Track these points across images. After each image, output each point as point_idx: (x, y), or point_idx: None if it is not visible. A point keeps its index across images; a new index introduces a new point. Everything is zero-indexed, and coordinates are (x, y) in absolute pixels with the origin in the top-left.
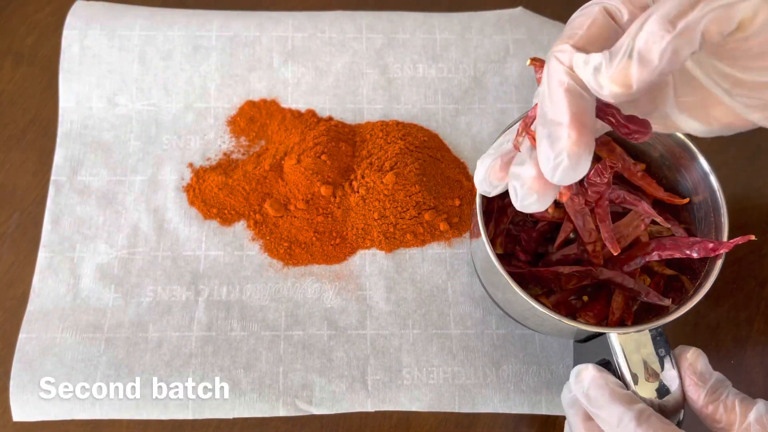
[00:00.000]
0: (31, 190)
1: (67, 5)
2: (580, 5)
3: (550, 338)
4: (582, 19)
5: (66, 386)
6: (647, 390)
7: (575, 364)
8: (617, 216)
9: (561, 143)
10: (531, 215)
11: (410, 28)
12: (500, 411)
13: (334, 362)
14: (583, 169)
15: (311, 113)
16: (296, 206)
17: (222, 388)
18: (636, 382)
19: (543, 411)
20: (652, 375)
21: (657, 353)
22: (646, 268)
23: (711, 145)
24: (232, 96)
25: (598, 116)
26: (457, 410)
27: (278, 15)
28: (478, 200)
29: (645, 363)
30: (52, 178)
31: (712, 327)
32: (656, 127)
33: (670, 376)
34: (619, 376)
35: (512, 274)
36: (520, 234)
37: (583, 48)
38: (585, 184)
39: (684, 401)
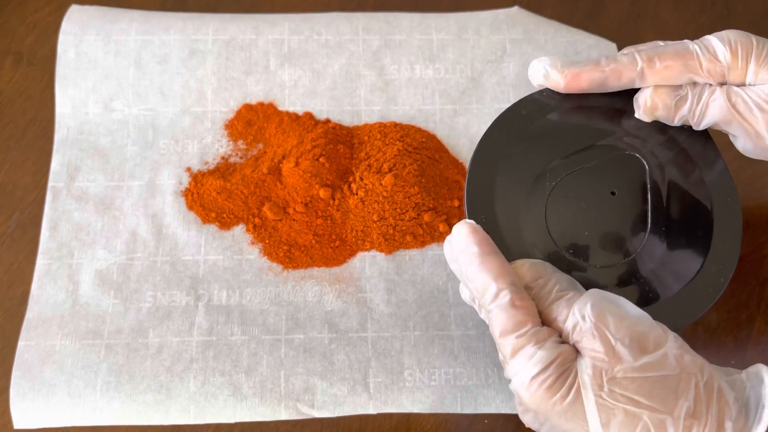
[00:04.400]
0: (31, 190)
1: (66, 5)
2: (576, 5)
3: None
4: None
5: (66, 393)
6: None
7: None
8: None
9: None
10: None
11: (407, 29)
12: (502, 411)
13: (336, 365)
14: None
15: (309, 116)
16: (295, 209)
17: (223, 393)
18: None
19: None
20: None
21: None
22: None
23: None
24: (229, 99)
25: None
26: (459, 411)
27: (274, 18)
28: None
29: None
30: (50, 184)
31: (713, 327)
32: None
33: None
34: None
35: None
36: None
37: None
38: None
39: None
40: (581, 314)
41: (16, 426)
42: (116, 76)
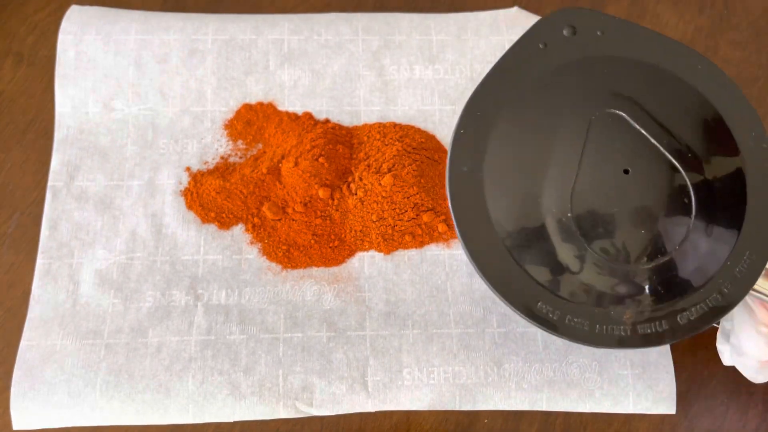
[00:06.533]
0: (32, 190)
1: (67, 5)
2: (576, 5)
3: (553, 336)
4: None
5: (66, 393)
6: None
7: None
8: None
9: None
10: None
11: (406, 29)
12: (500, 408)
13: (334, 364)
14: None
15: (308, 116)
16: (294, 209)
17: (222, 392)
18: None
19: (543, 407)
20: None
21: None
22: None
23: None
24: (228, 99)
25: None
26: (457, 408)
27: (274, 18)
28: None
29: None
30: (49, 183)
31: (713, 328)
32: None
33: None
34: None
35: None
36: None
37: None
38: None
39: None
40: None
41: (15, 427)
42: (116, 76)
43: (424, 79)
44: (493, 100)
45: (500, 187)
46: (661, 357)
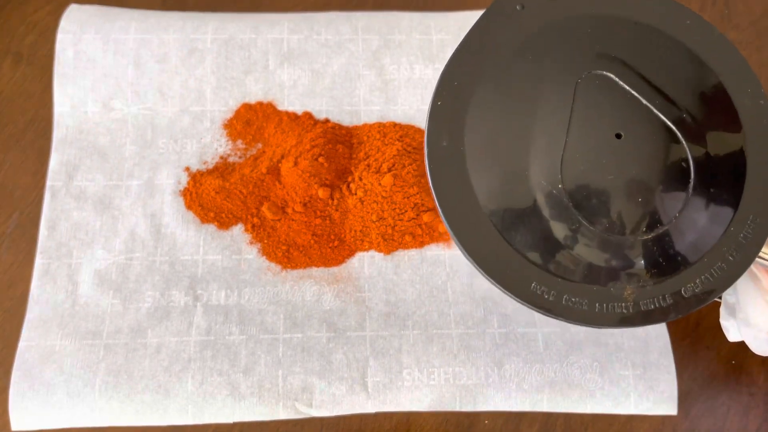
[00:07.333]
0: (31, 190)
1: (66, 4)
2: None
3: (554, 336)
4: None
5: (65, 393)
6: None
7: None
8: None
9: None
10: None
11: (406, 28)
12: (501, 409)
13: (334, 364)
14: None
15: (308, 115)
16: (294, 209)
17: (221, 392)
18: None
19: (544, 408)
20: None
21: None
22: None
23: None
24: (228, 99)
25: None
26: (457, 409)
27: (273, 17)
28: None
29: None
30: (48, 183)
31: (714, 327)
32: None
33: None
34: None
35: None
36: None
37: None
38: None
39: None
40: None
41: (14, 427)
42: (115, 75)
43: (424, 79)
44: (470, 68)
45: (484, 161)
46: (662, 357)
